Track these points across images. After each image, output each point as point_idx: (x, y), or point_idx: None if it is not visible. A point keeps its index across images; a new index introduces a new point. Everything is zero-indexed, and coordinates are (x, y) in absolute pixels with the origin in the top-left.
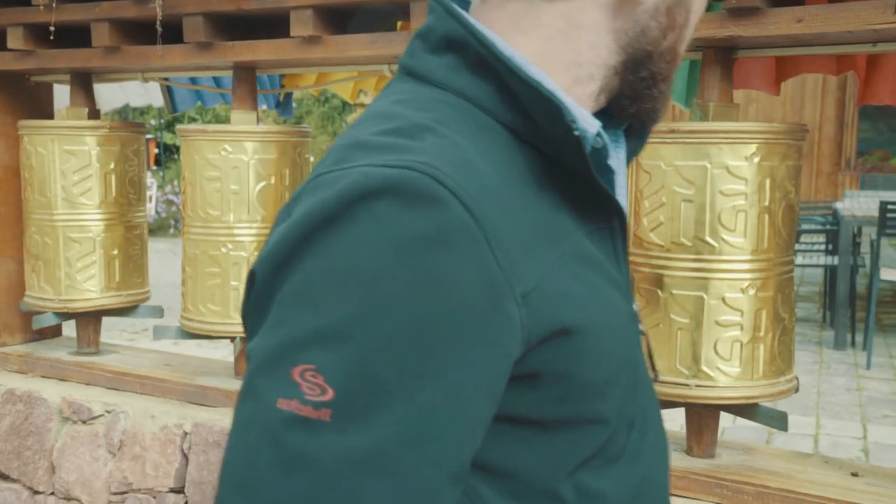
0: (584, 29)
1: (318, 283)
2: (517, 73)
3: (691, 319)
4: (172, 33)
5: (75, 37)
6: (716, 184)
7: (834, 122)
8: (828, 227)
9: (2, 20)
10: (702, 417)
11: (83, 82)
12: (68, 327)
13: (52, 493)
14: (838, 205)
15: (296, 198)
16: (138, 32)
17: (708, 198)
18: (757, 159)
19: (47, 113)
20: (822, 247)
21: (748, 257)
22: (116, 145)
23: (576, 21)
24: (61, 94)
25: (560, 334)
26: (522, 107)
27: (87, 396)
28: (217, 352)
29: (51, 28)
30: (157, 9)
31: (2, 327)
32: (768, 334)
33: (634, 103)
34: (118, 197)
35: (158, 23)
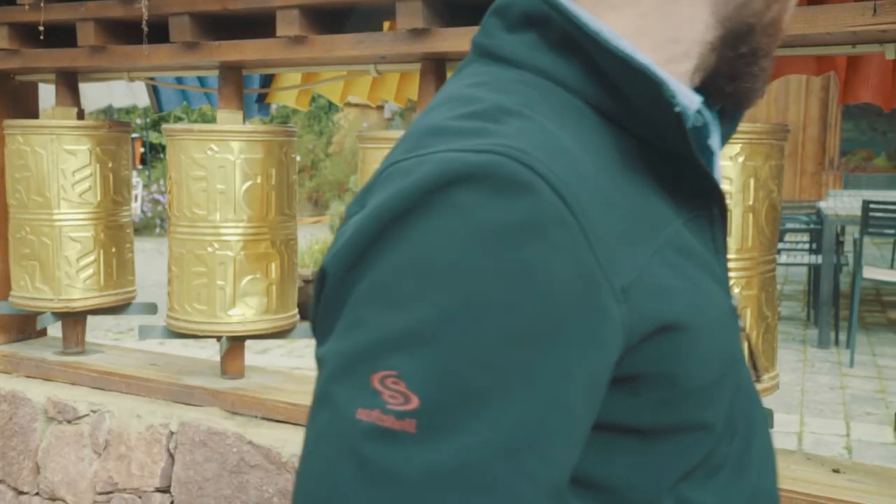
0: (680, 2)
1: (398, 280)
2: (607, 48)
3: None
4: (158, 33)
5: (61, 36)
6: None
7: (818, 122)
8: (812, 227)
9: None
10: None
11: (69, 82)
12: (53, 327)
13: (37, 494)
14: (822, 204)
15: (368, 189)
16: (124, 32)
17: None
18: (741, 159)
19: (33, 112)
20: (807, 246)
21: (733, 256)
22: (107, 145)
23: None
24: (45, 94)
25: (661, 332)
26: (612, 85)
27: (72, 396)
28: (203, 352)
29: (40, 28)
30: (143, 8)
31: None
32: (752, 332)
33: (732, 82)
34: (109, 196)
35: (144, 22)
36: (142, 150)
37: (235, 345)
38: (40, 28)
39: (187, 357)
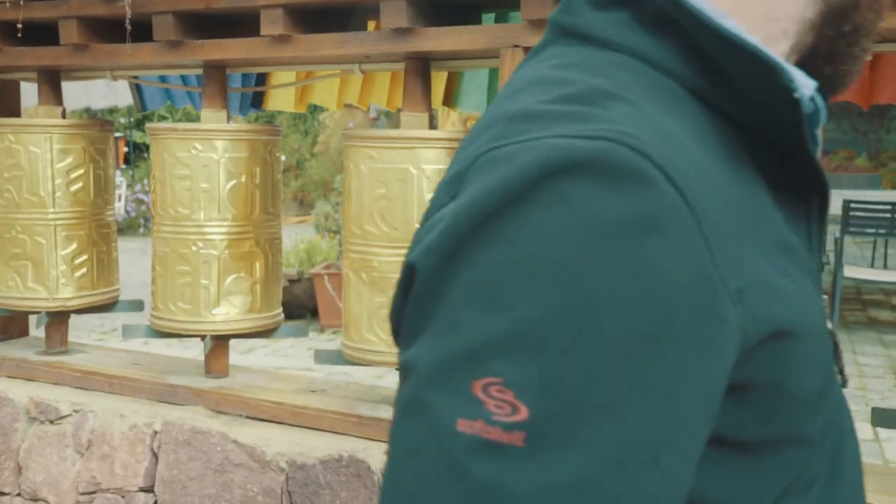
0: None
1: (501, 278)
2: (711, 26)
3: None
4: (142, 32)
5: (43, 34)
6: None
7: None
8: None
9: None
10: None
11: (52, 80)
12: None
13: (19, 494)
14: None
15: (459, 176)
16: (107, 30)
17: None
18: None
19: (15, 111)
20: None
21: None
22: (98, 143)
23: None
24: (25, 93)
25: (773, 337)
26: (714, 68)
27: (54, 396)
28: (188, 352)
29: (18, 25)
30: (127, 7)
31: None
32: None
33: (830, 63)
34: (101, 195)
35: (128, 21)
36: (125, 149)
37: (219, 344)
38: (18, 26)
39: (171, 356)
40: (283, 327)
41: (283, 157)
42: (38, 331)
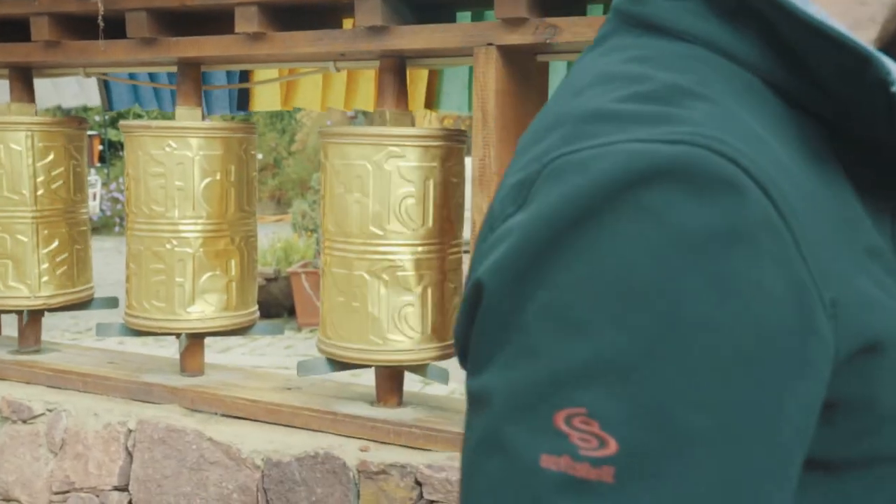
0: None
1: (580, 300)
2: (795, 14)
3: None
4: (115, 28)
5: (14, 31)
6: None
7: None
8: None
9: None
10: None
11: (24, 77)
12: (8, 326)
13: None
14: None
15: (526, 183)
16: (80, 27)
17: None
18: None
19: None
20: None
21: None
22: (77, 141)
23: None
24: None
25: (866, 351)
26: (798, 60)
27: (27, 395)
28: (163, 350)
29: None
30: (99, 3)
31: None
32: None
33: None
34: (80, 192)
35: (100, 17)
36: (100, 147)
37: (195, 342)
38: None
39: (146, 355)
40: (259, 325)
41: (259, 156)
42: (10, 330)
